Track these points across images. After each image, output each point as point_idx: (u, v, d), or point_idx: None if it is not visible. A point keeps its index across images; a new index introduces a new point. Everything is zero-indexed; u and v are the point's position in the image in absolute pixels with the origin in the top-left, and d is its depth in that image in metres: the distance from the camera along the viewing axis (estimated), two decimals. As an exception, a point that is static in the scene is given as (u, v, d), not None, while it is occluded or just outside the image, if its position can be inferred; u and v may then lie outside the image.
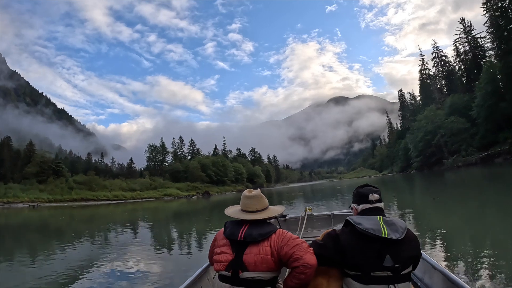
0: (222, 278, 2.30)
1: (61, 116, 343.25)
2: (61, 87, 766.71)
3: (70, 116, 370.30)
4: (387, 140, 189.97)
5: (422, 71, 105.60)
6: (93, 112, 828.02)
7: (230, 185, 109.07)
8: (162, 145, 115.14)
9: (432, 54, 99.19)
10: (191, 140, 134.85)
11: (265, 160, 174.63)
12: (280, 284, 2.41)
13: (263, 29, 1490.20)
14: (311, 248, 2.23)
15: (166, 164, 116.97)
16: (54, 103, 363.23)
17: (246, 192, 2.55)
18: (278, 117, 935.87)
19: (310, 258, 2.13)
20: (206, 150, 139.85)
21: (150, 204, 54.12)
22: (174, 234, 15.71)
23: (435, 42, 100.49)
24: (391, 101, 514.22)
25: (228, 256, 2.26)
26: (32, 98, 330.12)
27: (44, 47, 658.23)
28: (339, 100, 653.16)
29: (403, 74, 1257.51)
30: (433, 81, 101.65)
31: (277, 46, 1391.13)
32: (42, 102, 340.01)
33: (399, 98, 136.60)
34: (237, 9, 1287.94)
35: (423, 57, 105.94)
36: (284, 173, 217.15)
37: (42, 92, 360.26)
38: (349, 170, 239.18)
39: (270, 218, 2.51)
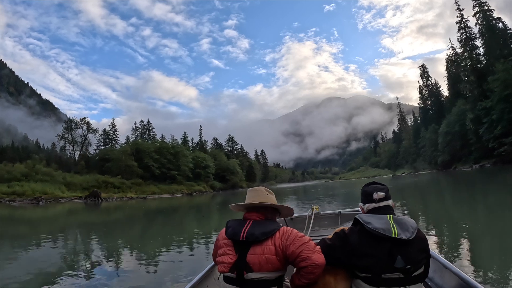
0: (227, 280, 2.08)
1: (46, 107, 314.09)
2: (55, 80, 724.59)
3: (56, 107, 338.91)
4: (390, 136, 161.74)
5: (461, 30, 68.36)
6: (85, 106, 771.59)
7: (184, 183, 67.63)
8: (86, 125, 71.90)
9: (473, 9, 65.24)
10: (148, 122, 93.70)
11: (252, 156, 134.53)
12: (287, 282, 2.20)
13: (260, 27, 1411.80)
14: (318, 247, 2.02)
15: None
16: (39, 94, 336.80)
17: (249, 189, 2.35)
18: (272, 116, 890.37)
19: (318, 257, 1.94)
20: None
21: None
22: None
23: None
24: (386, 103, 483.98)
25: (232, 257, 2.04)
26: (16, 88, 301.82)
27: (38, 40, 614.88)
28: (333, 101, 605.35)
29: (398, 77, 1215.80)
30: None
31: (273, 44, 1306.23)
32: (26, 92, 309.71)
33: (421, 74, 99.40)
34: (234, 4, 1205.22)
35: (461, 11, 69.06)
36: (273, 171, 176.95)
37: (28, 83, 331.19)
38: (347, 170, 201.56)
39: (276, 212, 2.30)
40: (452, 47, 79.56)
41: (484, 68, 55.99)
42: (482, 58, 61.62)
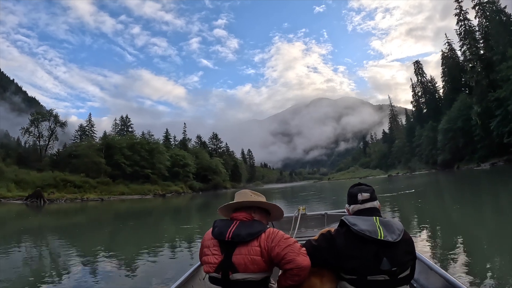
0: (213, 280, 2.04)
1: (31, 104, 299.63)
2: (42, 78, 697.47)
3: (41, 105, 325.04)
4: (380, 137, 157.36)
5: (460, 23, 64.50)
6: (73, 105, 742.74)
7: (159, 183, 60.18)
8: (54, 118, 63.92)
9: (473, 1, 62.21)
10: (126, 117, 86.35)
11: (239, 156, 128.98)
12: (273, 284, 2.17)
13: (249, 27, 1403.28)
14: (304, 249, 1.97)
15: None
16: (25, 91, 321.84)
17: (236, 192, 2.33)
18: (261, 116, 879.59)
19: (303, 259, 1.90)
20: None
21: None
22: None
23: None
24: (374, 104, 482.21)
25: (217, 257, 2.00)
26: (1, 85, 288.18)
27: (26, 36, 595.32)
28: (322, 101, 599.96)
29: (387, 79, 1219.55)
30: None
31: (263, 44, 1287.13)
32: (12, 89, 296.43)
33: (415, 71, 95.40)
34: (224, 4, 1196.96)
35: (460, 3, 65.43)
36: (260, 171, 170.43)
37: (13, 79, 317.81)
38: (336, 171, 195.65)
39: (265, 214, 2.26)
40: (448, 42, 76.41)
41: (490, 58, 50.33)
42: (483, 52, 56.91)
